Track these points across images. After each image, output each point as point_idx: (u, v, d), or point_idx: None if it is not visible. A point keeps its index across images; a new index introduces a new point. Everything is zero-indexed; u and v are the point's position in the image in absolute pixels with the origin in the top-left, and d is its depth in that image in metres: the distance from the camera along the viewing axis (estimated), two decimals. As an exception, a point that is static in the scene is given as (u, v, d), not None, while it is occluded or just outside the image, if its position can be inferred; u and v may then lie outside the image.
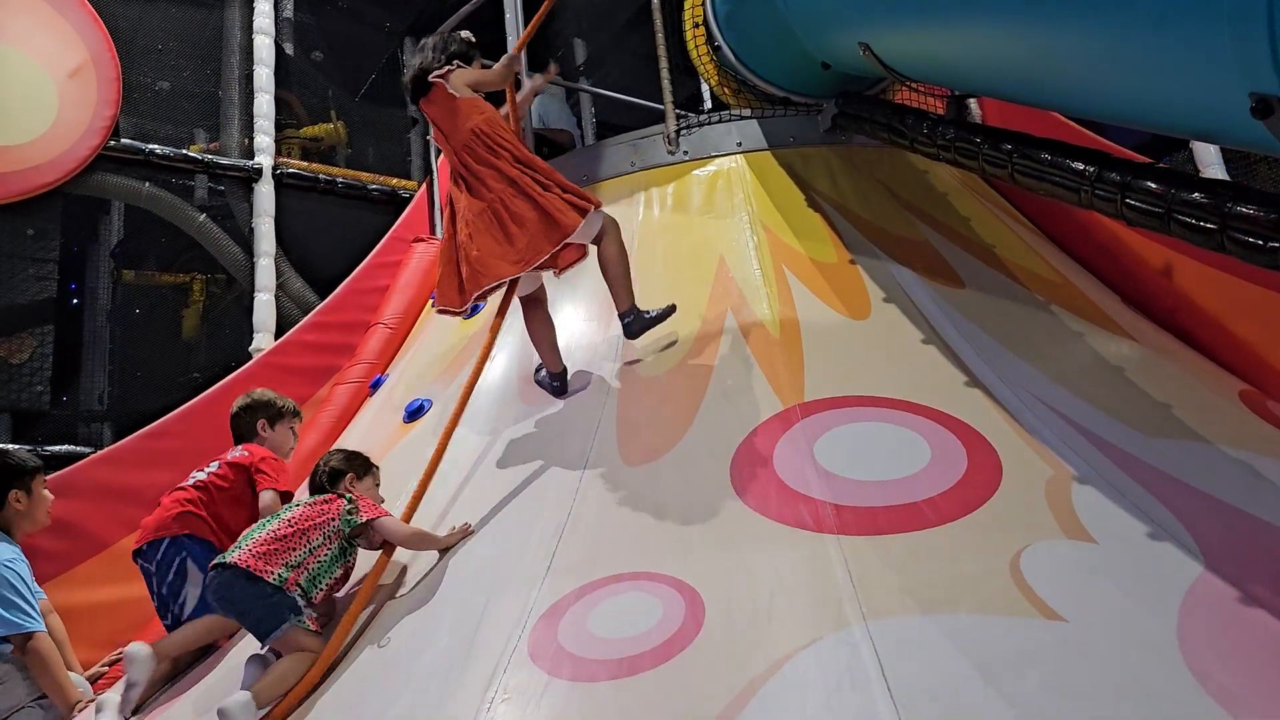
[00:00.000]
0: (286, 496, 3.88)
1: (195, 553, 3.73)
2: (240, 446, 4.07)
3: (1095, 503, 3.02)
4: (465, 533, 3.41)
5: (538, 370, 4.10)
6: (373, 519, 3.33)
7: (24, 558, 3.81)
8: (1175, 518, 2.93)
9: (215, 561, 3.19)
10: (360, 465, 3.58)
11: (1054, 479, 3.15)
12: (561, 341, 4.14)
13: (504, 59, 4.17)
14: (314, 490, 3.51)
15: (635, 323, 3.92)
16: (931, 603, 2.63)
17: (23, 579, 3.69)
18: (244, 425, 4.19)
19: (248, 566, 3.08)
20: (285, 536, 3.17)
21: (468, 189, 3.86)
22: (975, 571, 2.75)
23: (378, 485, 3.64)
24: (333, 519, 3.27)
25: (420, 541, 3.41)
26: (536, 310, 4.04)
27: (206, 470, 3.94)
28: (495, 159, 3.81)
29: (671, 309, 3.95)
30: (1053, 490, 3.09)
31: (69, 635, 4.07)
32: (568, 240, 3.74)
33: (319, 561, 3.21)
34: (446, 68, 3.94)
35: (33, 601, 3.68)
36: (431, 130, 4.08)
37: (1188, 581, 2.67)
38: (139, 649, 3.46)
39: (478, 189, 3.82)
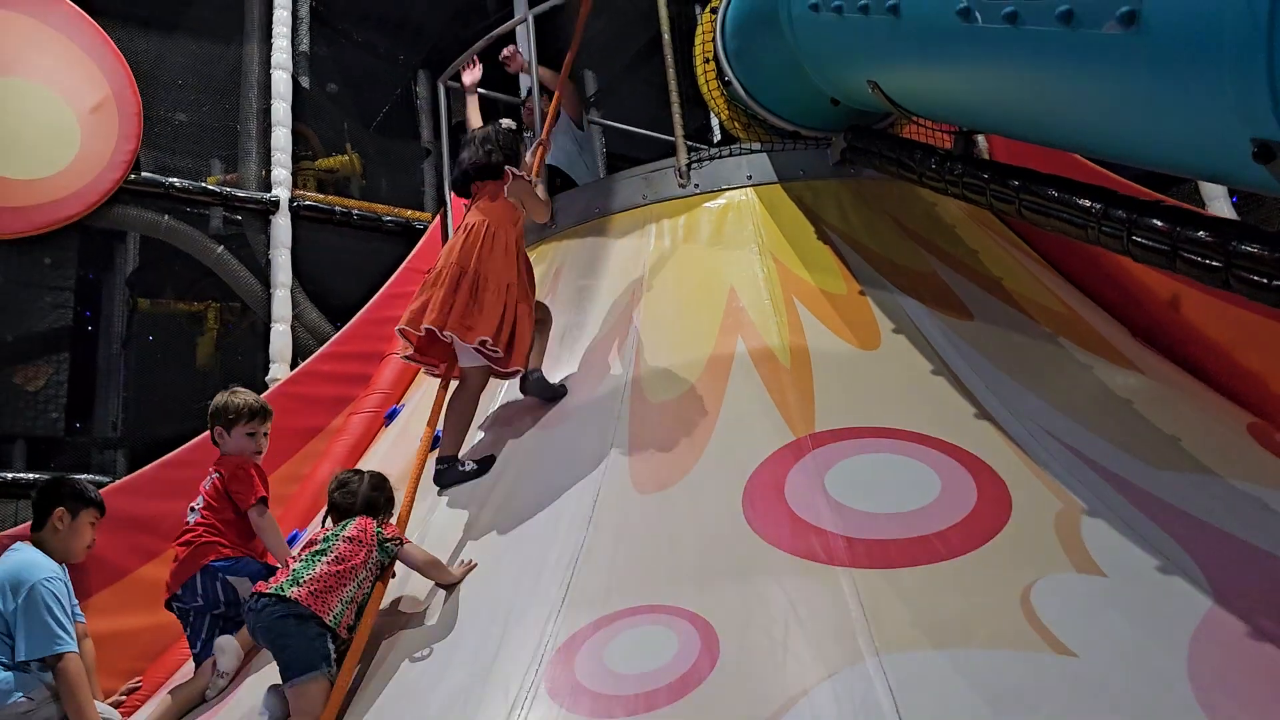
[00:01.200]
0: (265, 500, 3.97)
1: (228, 567, 3.83)
2: (212, 468, 4.09)
3: (1105, 536, 3.05)
4: (469, 569, 3.48)
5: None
6: (405, 546, 3.44)
7: (64, 577, 3.86)
8: (1184, 551, 2.96)
9: (269, 590, 3.23)
10: (389, 493, 3.66)
11: (1063, 512, 3.17)
12: (573, 365, 4.29)
13: (542, 191, 4.46)
14: (337, 510, 3.56)
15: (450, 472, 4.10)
16: (943, 636, 2.66)
17: (59, 599, 3.71)
18: (212, 434, 4.18)
19: (309, 606, 3.15)
20: (339, 574, 3.24)
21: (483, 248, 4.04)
22: (986, 605, 2.78)
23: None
24: (371, 550, 3.35)
25: (435, 570, 3.47)
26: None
27: (197, 507, 4.01)
28: (512, 262, 4.10)
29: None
30: (1062, 523, 3.12)
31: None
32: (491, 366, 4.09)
33: (365, 594, 3.31)
34: (509, 170, 4.21)
35: (66, 623, 3.69)
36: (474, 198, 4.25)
37: (1198, 616, 2.69)
38: (228, 641, 3.66)
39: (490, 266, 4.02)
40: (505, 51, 6.18)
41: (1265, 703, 2.40)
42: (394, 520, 3.63)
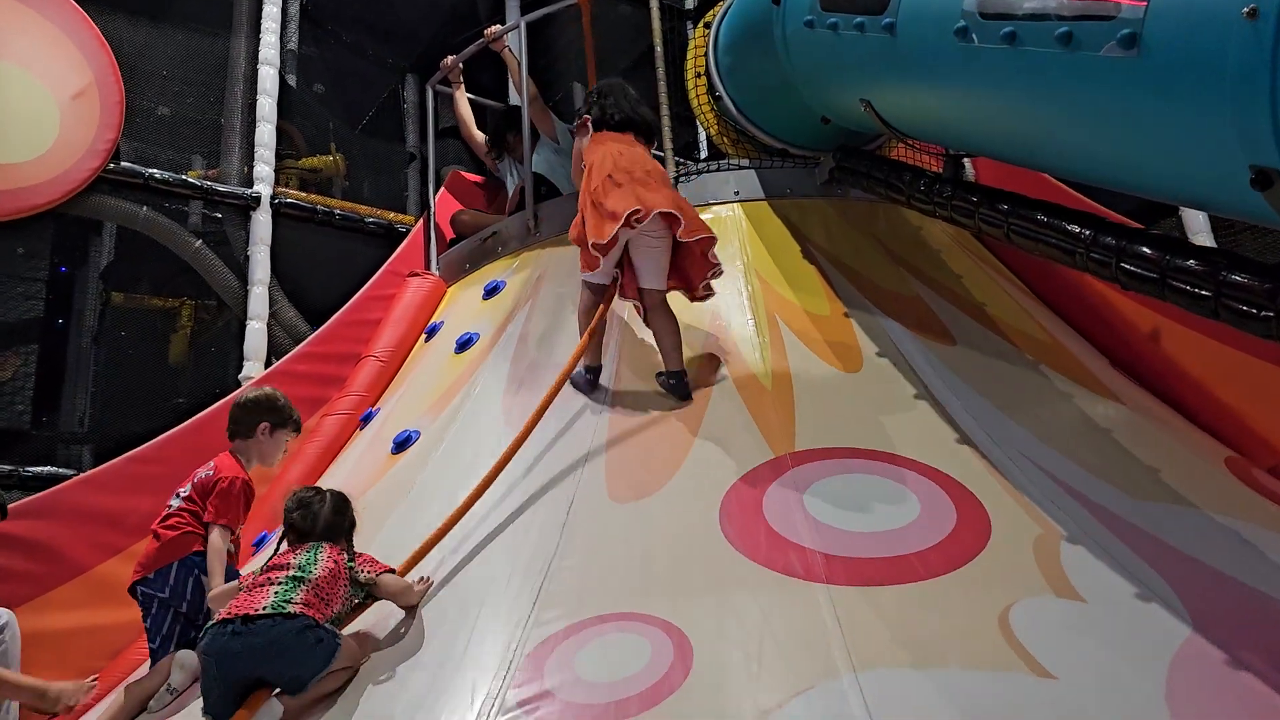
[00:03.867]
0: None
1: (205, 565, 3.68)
2: (211, 462, 3.94)
3: (1084, 562, 3.04)
4: (427, 588, 3.34)
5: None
6: (380, 576, 3.25)
7: None
8: (1163, 579, 2.95)
9: (262, 610, 2.94)
10: (352, 518, 3.41)
11: (1042, 537, 3.16)
12: (552, 373, 4.20)
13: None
14: (295, 531, 3.30)
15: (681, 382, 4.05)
16: (921, 655, 2.63)
17: None
18: (242, 422, 4.07)
19: (313, 616, 2.94)
20: (321, 600, 3.03)
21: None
22: (965, 625, 2.76)
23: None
24: (346, 586, 3.16)
25: (404, 596, 3.30)
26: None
27: (183, 495, 3.87)
28: None
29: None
30: (1041, 548, 3.11)
31: (44, 660, 4.02)
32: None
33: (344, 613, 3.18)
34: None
35: None
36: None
37: (1176, 643, 2.68)
38: (189, 657, 3.45)
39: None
40: (489, 30, 6.20)
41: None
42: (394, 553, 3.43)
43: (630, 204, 3.90)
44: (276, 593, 2.99)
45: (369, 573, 3.24)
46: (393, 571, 3.30)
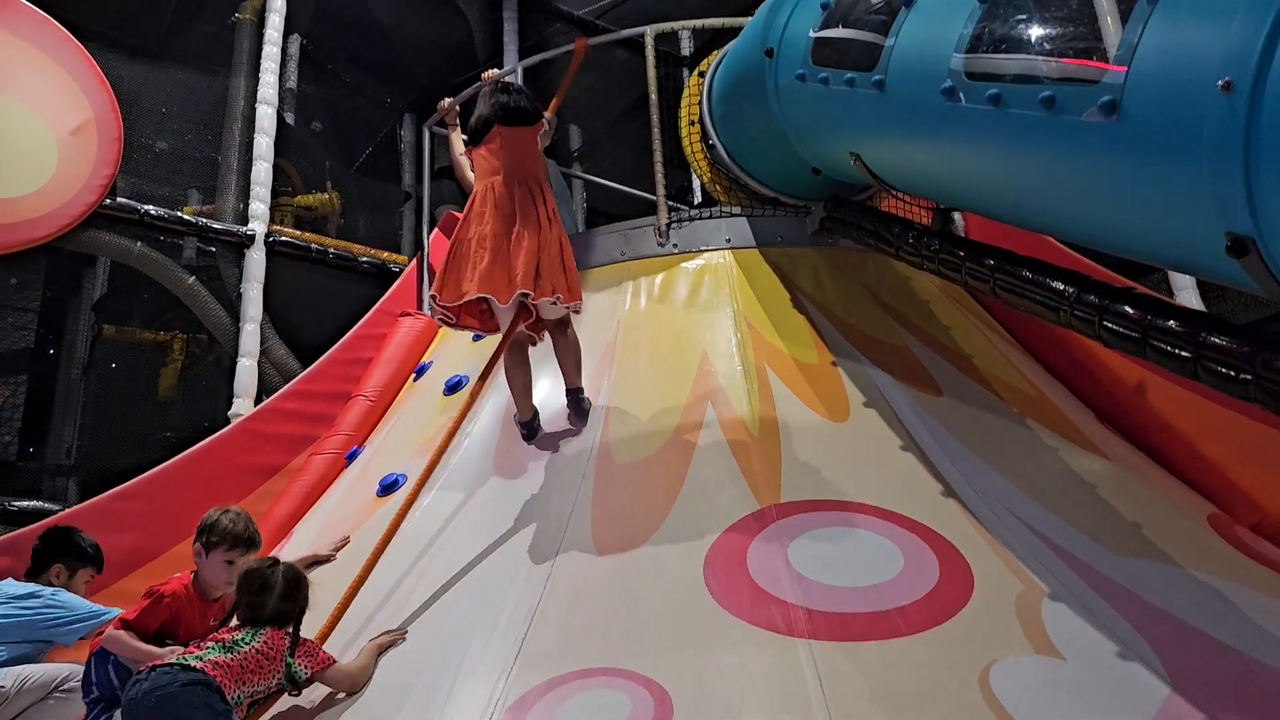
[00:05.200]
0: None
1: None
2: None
3: (1065, 620, 3.04)
4: (394, 641, 3.31)
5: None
6: (319, 672, 3.13)
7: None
8: (1143, 639, 2.96)
9: (167, 662, 2.91)
10: (304, 603, 3.24)
11: (1024, 594, 3.17)
12: (542, 417, 4.30)
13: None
14: (243, 613, 3.18)
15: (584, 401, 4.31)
16: (900, 711, 2.63)
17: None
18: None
19: (214, 676, 2.86)
20: (242, 673, 2.94)
21: (512, 210, 4.10)
22: (944, 682, 2.76)
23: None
24: (277, 674, 3.04)
25: (355, 682, 3.19)
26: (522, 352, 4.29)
27: None
28: (541, 205, 4.14)
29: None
30: (1023, 605, 3.11)
31: None
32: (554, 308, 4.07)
33: (259, 700, 3.06)
34: (546, 117, 4.34)
35: None
36: (482, 152, 4.36)
37: (1155, 703, 2.68)
38: None
39: (524, 215, 4.09)
40: (486, 75, 6.25)
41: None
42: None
43: (453, 295, 3.99)
44: (197, 654, 2.95)
45: (307, 669, 3.10)
46: (335, 662, 3.19)
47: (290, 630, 3.14)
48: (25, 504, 5.84)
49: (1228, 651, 2.99)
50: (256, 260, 6.75)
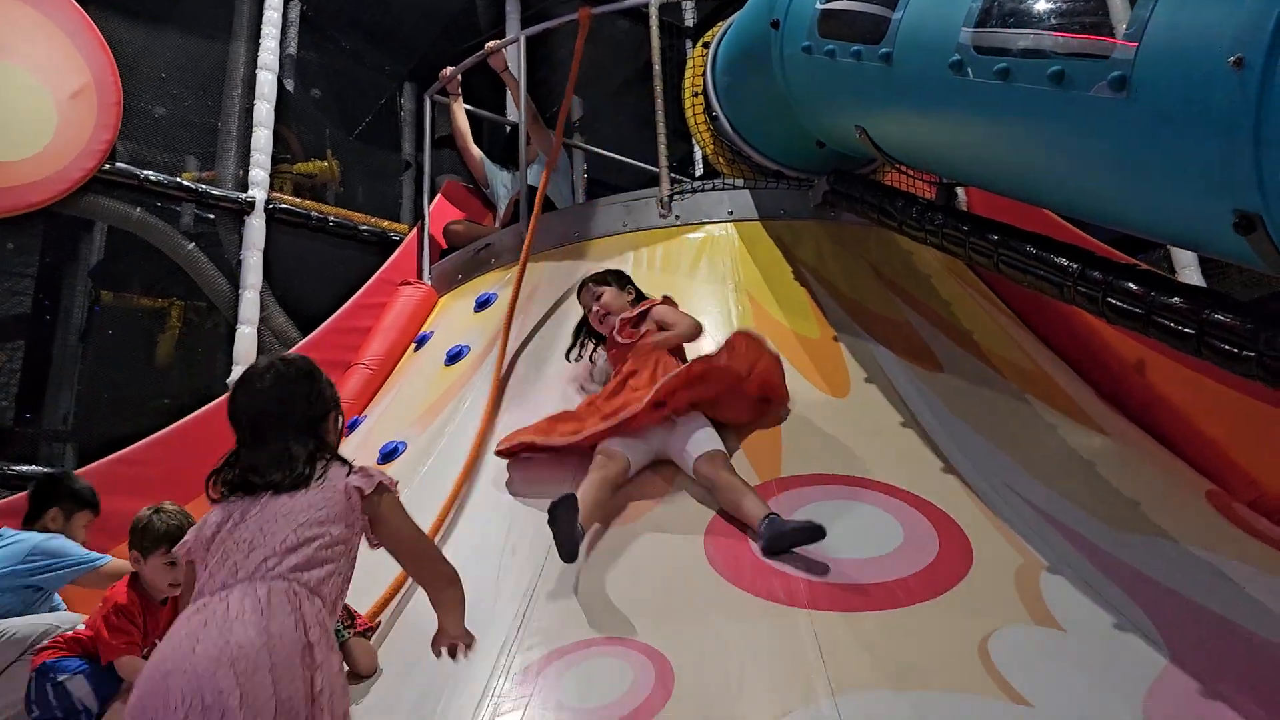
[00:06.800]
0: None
1: (56, 664, 3.38)
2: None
3: (1064, 592, 3.07)
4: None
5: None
6: (358, 635, 3.14)
7: None
8: (1142, 611, 2.98)
9: None
10: None
11: (1023, 567, 3.19)
12: (543, 389, 4.27)
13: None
14: None
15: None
16: (900, 679, 2.66)
17: None
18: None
19: None
20: None
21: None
22: (944, 651, 2.79)
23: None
24: None
25: (366, 664, 3.14)
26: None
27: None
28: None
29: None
30: (1022, 578, 3.14)
31: None
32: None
33: None
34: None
35: None
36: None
37: (1153, 673, 2.71)
38: None
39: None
40: (489, 45, 6.24)
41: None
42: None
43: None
44: None
45: (348, 629, 3.11)
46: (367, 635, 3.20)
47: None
48: (24, 468, 5.84)
49: (1226, 624, 3.03)
50: (256, 227, 6.71)
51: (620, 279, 4.35)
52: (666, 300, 4.24)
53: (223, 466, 2.40)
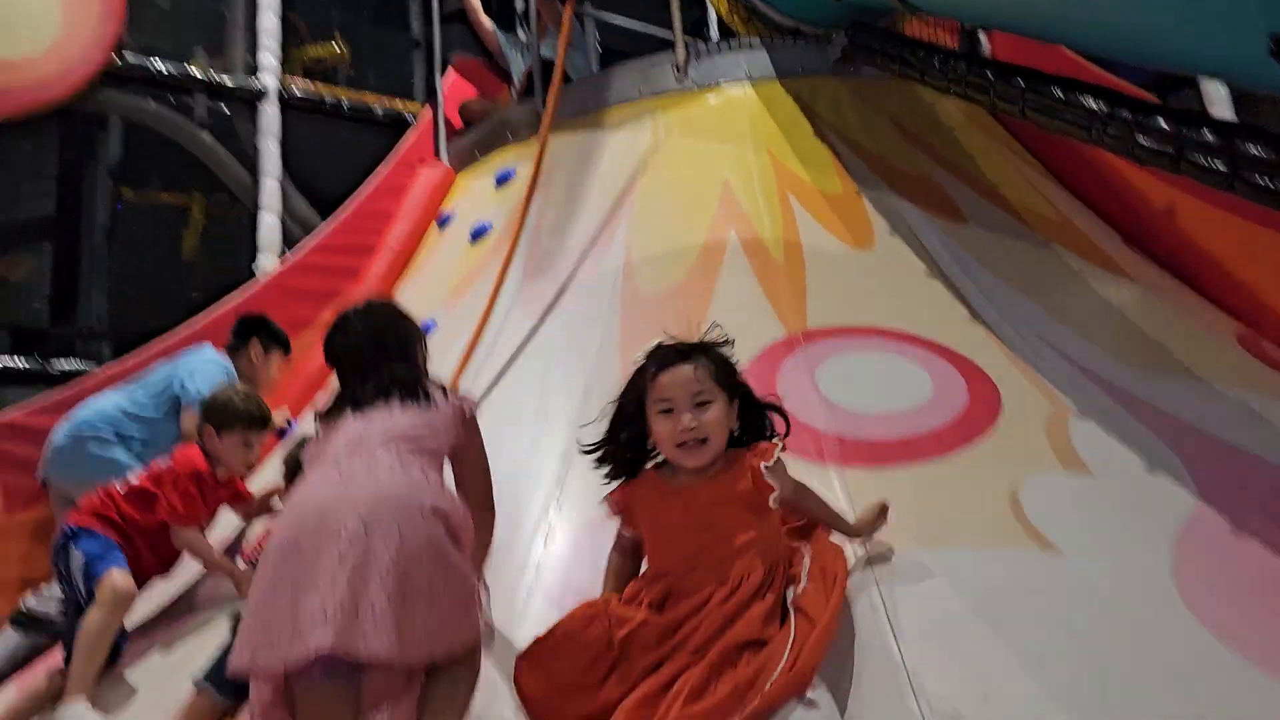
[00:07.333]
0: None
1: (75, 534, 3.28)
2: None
3: (1093, 436, 3.07)
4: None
5: None
6: None
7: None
8: (1171, 451, 2.99)
9: None
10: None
11: (1053, 414, 3.20)
12: (566, 252, 4.29)
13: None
14: None
15: None
16: (931, 536, 2.67)
17: None
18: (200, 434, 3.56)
19: None
20: None
21: None
22: (974, 503, 2.80)
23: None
24: None
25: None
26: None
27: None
28: None
29: None
30: (1052, 424, 3.14)
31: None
32: None
33: None
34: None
35: None
36: None
37: (1183, 515, 2.72)
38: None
39: None
40: None
41: (1250, 602, 2.43)
42: None
43: None
44: None
45: None
46: None
47: None
48: (65, 366, 5.96)
49: (1256, 461, 3.03)
50: (270, 115, 6.66)
51: (723, 368, 2.59)
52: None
53: (331, 407, 2.56)
